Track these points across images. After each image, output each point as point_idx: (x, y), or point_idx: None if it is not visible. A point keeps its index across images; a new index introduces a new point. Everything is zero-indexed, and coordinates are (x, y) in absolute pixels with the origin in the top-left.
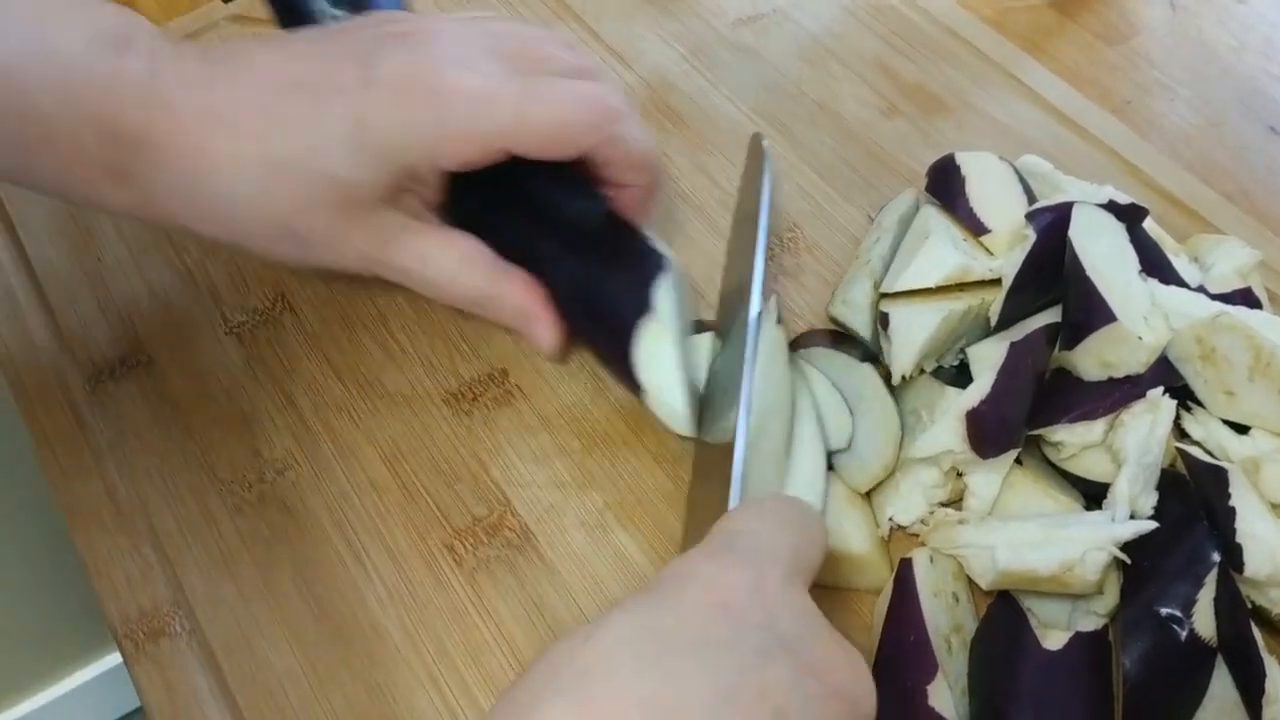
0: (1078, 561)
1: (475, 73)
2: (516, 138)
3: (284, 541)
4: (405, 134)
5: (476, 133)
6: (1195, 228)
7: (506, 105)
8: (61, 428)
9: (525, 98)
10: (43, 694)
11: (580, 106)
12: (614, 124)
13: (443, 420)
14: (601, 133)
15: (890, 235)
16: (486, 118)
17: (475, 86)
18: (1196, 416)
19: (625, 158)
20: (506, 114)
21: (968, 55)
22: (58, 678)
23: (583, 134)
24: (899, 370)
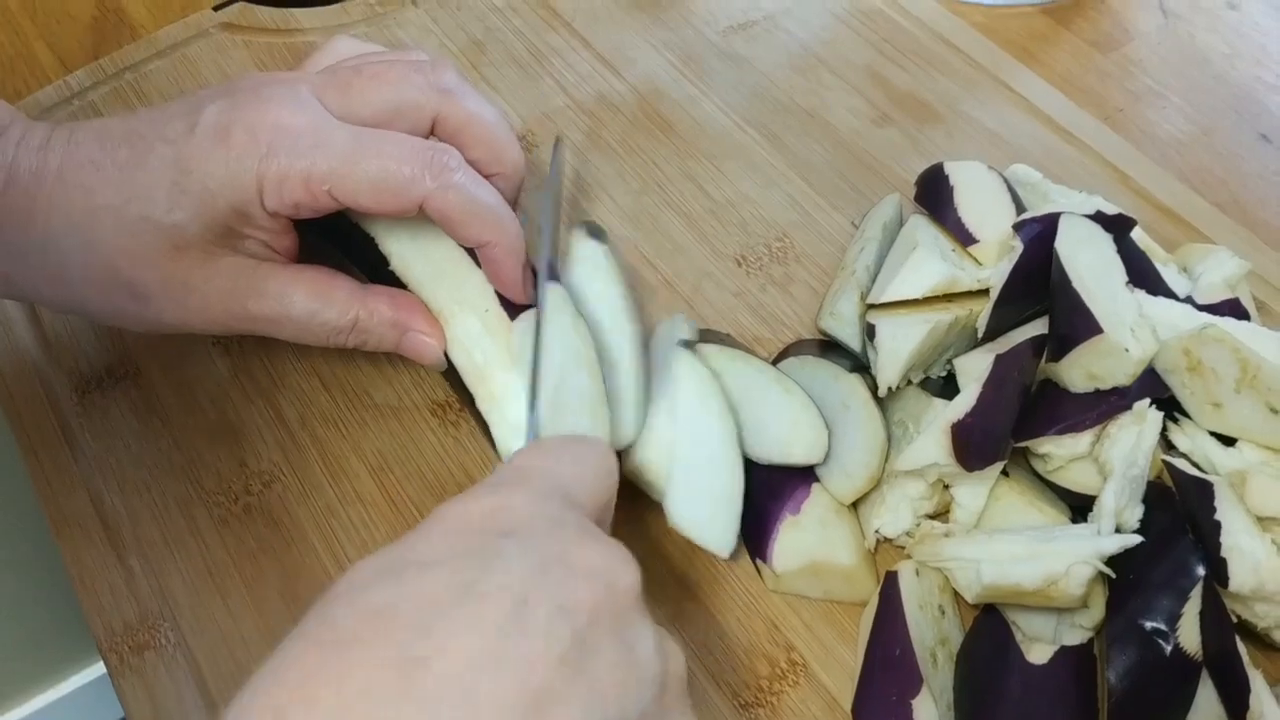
0: (1062, 575)
1: (299, 113)
2: (342, 183)
3: (270, 554)
4: (224, 174)
5: (297, 172)
6: (1186, 237)
7: (330, 148)
8: (48, 438)
9: (352, 145)
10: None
11: (405, 160)
12: (446, 175)
13: (429, 432)
14: (428, 186)
15: (875, 243)
16: (307, 158)
17: (294, 124)
18: (1183, 428)
19: (463, 214)
20: (330, 157)
21: (959, 63)
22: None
23: (407, 189)
24: (885, 382)
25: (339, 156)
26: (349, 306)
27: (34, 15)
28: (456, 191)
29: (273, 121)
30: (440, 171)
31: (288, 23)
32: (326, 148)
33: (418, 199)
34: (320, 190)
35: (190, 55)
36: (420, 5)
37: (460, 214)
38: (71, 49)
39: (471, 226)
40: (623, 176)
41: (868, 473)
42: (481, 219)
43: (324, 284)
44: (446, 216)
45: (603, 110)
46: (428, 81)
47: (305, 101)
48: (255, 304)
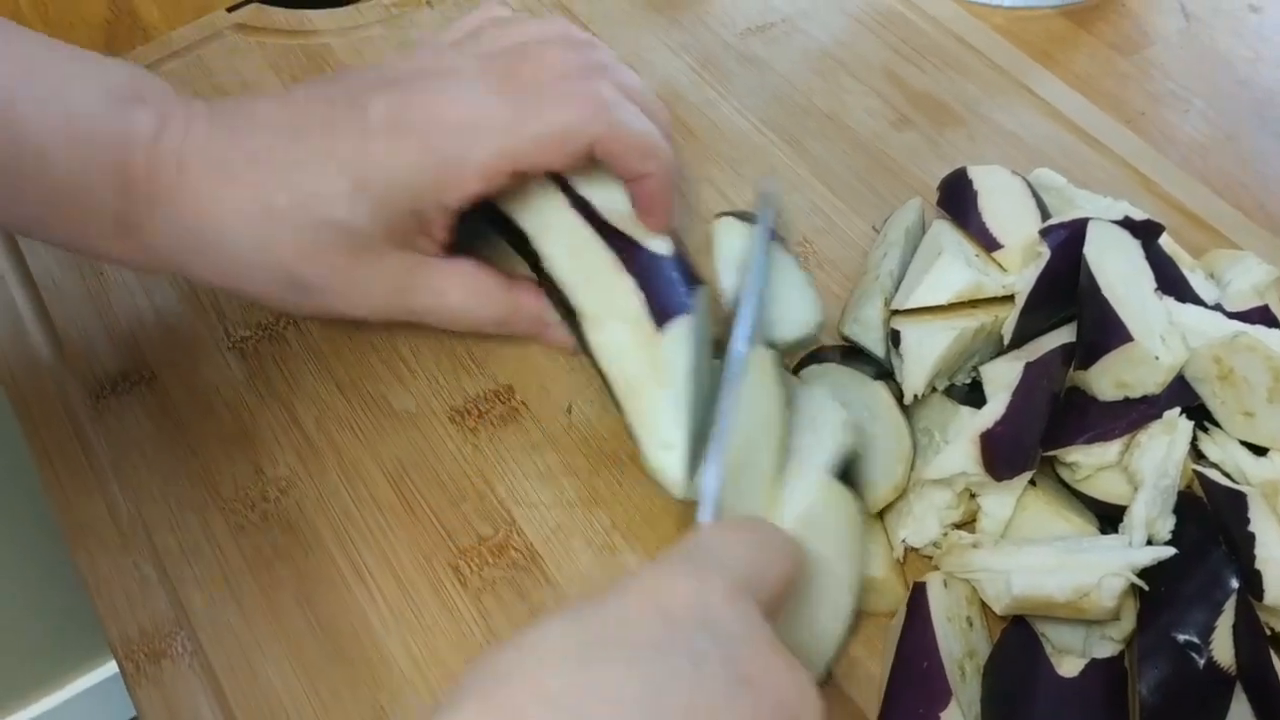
0: (1094, 587)
1: (464, 104)
2: (515, 157)
3: (287, 561)
4: (402, 177)
5: (473, 163)
6: (1211, 243)
7: (497, 129)
8: (63, 444)
9: (516, 117)
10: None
11: (570, 108)
12: (608, 114)
13: (448, 438)
14: (597, 128)
15: (898, 249)
16: (480, 147)
17: (465, 118)
18: (1214, 438)
19: (628, 147)
20: (499, 138)
21: (979, 65)
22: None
23: (578, 134)
24: (911, 389)
25: (505, 129)
26: (501, 301)
27: (46, 17)
28: (622, 129)
29: (445, 116)
30: (602, 109)
31: (302, 24)
32: (493, 126)
33: (587, 143)
34: (497, 172)
35: (204, 56)
36: (436, 7)
37: (624, 148)
38: None
39: (635, 159)
40: None
41: (893, 481)
42: (644, 151)
43: (478, 278)
44: (611, 153)
45: None
46: (585, 60)
47: (469, 87)
48: (414, 298)
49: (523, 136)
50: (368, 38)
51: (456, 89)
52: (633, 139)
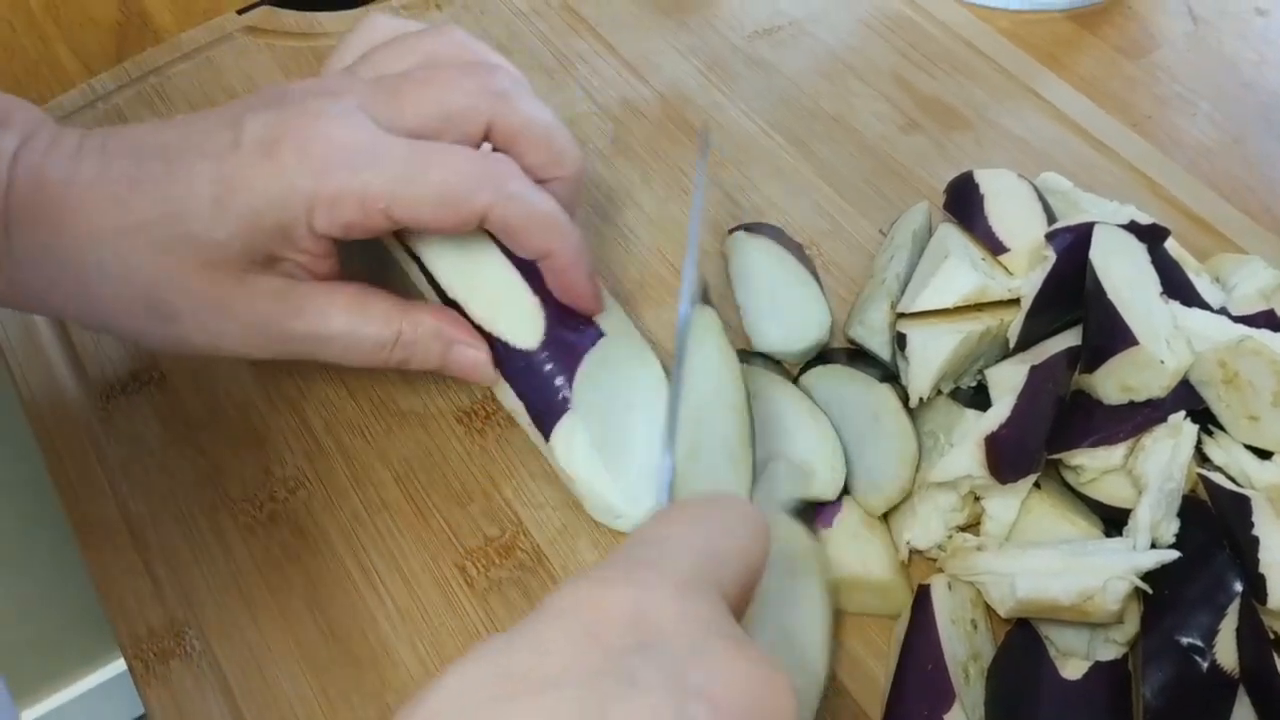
0: (1098, 591)
1: (341, 127)
2: (399, 201)
3: (295, 562)
4: (272, 193)
5: (352, 191)
6: (1217, 246)
7: (386, 165)
8: (73, 444)
9: (409, 160)
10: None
11: (467, 169)
12: (505, 184)
13: (455, 439)
14: (490, 197)
15: (905, 252)
16: (362, 176)
17: (350, 143)
18: (1219, 441)
19: (525, 222)
20: (386, 174)
21: (986, 69)
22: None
23: (471, 200)
24: (916, 392)
25: (395, 173)
26: (390, 320)
27: (57, 19)
28: (515, 203)
29: (324, 137)
30: (499, 183)
31: (311, 26)
32: (382, 164)
33: (479, 212)
34: (376, 209)
35: (214, 58)
36: (444, 9)
37: (521, 223)
38: (95, 53)
39: (533, 236)
40: (649, 182)
41: (898, 484)
42: (542, 228)
43: (363, 298)
44: (507, 227)
45: (628, 116)
46: (480, 86)
47: (355, 115)
48: (292, 323)
49: (411, 186)
50: None
51: (336, 110)
52: (528, 216)
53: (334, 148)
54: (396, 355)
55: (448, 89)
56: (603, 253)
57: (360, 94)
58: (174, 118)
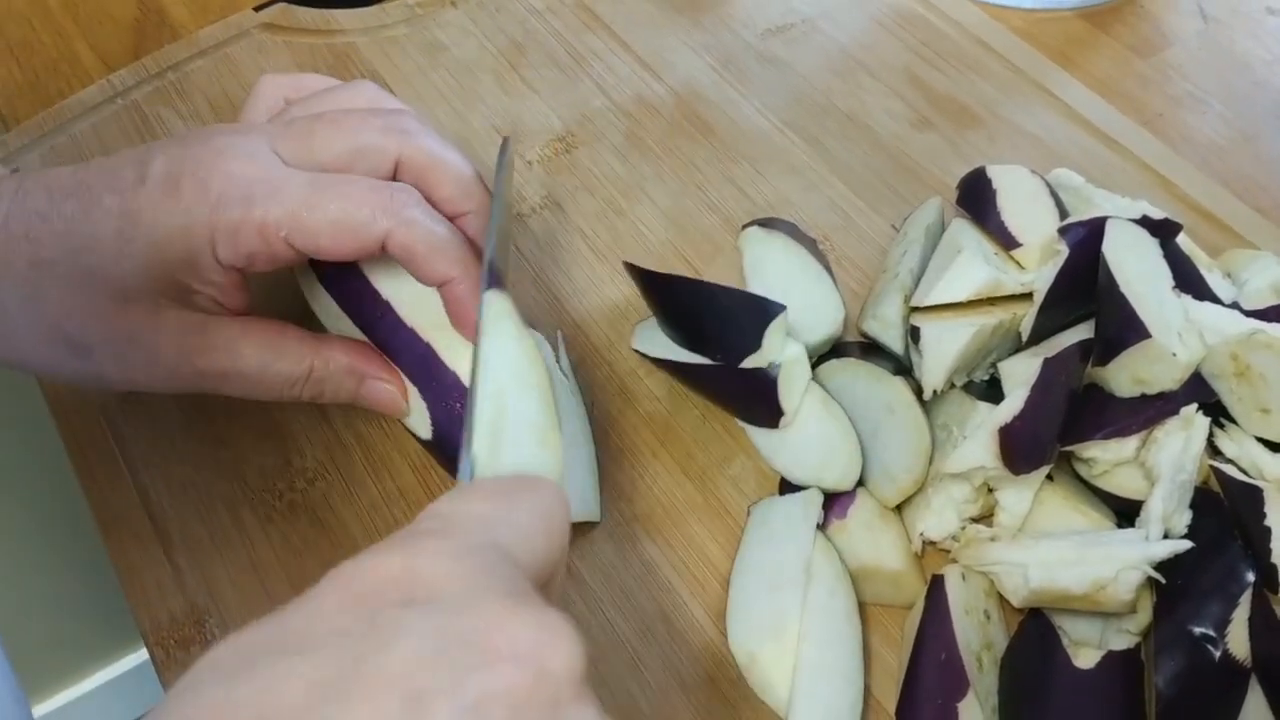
0: (1111, 581)
1: (248, 160)
2: (299, 229)
3: (314, 551)
4: (174, 227)
5: (252, 221)
6: (1229, 243)
7: (286, 194)
8: (94, 435)
9: (309, 189)
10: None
11: (368, 197)
12: (404, 211)
13: None
14: (390, 223)
15: (918, 246)
16: (262, 206)
17: (247, 174)
18: (1230, 434)
19: (426, 248)
20: (286, 203)
21: (998, 67)
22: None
23: (371, 225)
24: (930, 385)
25: (295, 202)
26: (303, 356)
27: (76, 16)
28: (416, 228)
29: (224, 171)
30: (398, 209)
31: (328, 24)
32: (281, 194)
33: (378, 238)
34: (276, 237)
35: (231, 55)
36: (460, 7)
37: (422, 249)
38: (113, 49)
39: (433, 262)
40: (662, 178)
41: (912, 476)
42: (443, 254)
43: (275, 334)
44: (408, 253)
45: (642, 112)
46: (387, 124)
47: (258, 151)
48: (203, 359)
49: (311, 213)
50: (392, 37)
51: (244, 146)
52: (428, 242)
53: (233, 181)
54: (309, 391)
55: (357, 128)
56: (617, 247)
57: (270, 134)
58: (92, 160)
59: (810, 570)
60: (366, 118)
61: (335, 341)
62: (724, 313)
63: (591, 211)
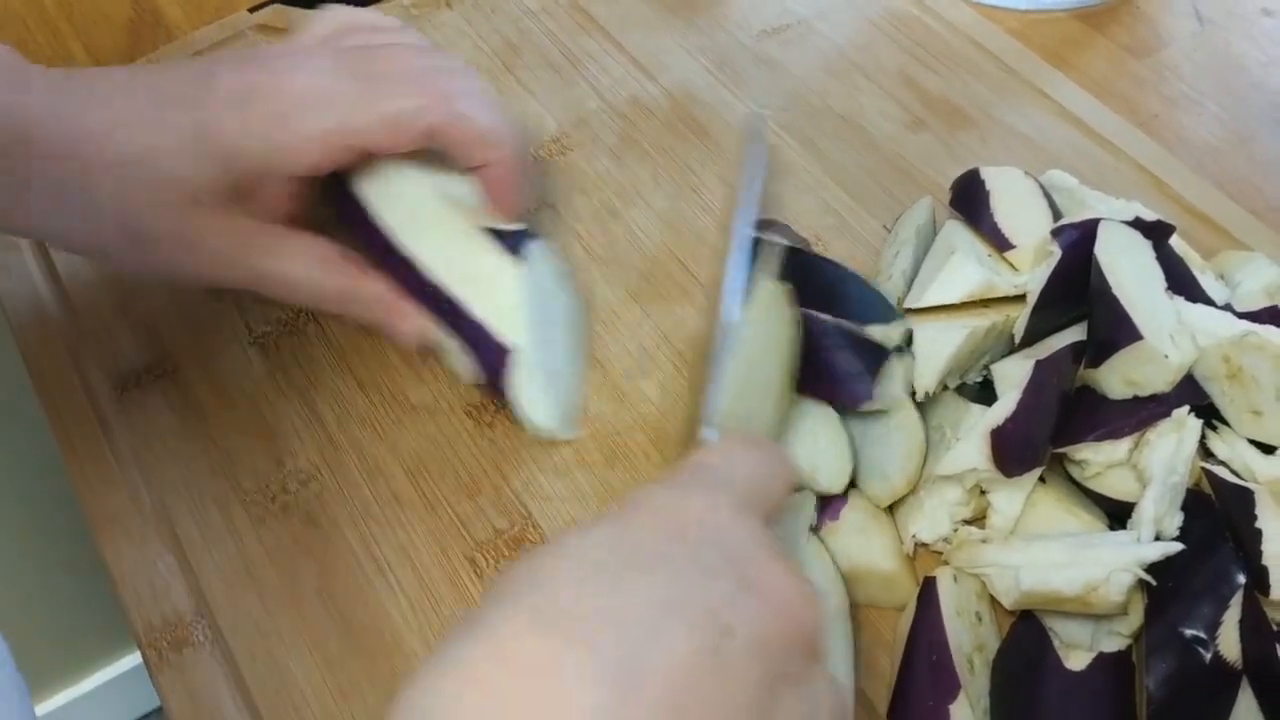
0: (1103, 583)
1: (309, 78)
2: (356, 132)
3: (307, 553)
4: (243, 139)
5: (315, 132)
6: (1223, 244)
7: (342, 102)
8: (87, 435)
9: (360, 97)
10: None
11: (413, 94)
12: (452, 103)
13: (465, 432)
14: (439, 112)
15: (909, 247)
16: (322, 117)
17: (308, 88)
18: (1222, 436)
19: (470, 136)
20: (340, 112)
21: (992, 68)
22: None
23: (420, 116)
24: (923, 388)
25: (349, 105)
26: (343, 276)
27: (71, 16)
28: (464, 120)
29: (288, 87)
30: (448, 100)
31: None
32: (337, 101)
33: (425, 131)
34: (336, 144)
35: None
36: (455, 8)
37: (464, 137)
38: (108, 50)
39: (478, 150)
40: (657, 180)
41: (905, 478)
42: (485, 144)
43: (323, 251)
44: (455, 141)
45: (637, 114)
46: (427, 86)
47: (318, 65)
48: (257, 259)
49: (364, 114)
50: None
51: (305, 65)
52: (472, 127)
53: (297, 96)
54: (344, 305)
55: (398, 87)
56: (613, 250)
57: (324, 54)
58: (150, 65)
59: None
60: (410, 76)
61: (374, 275)
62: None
63: (586, 213)
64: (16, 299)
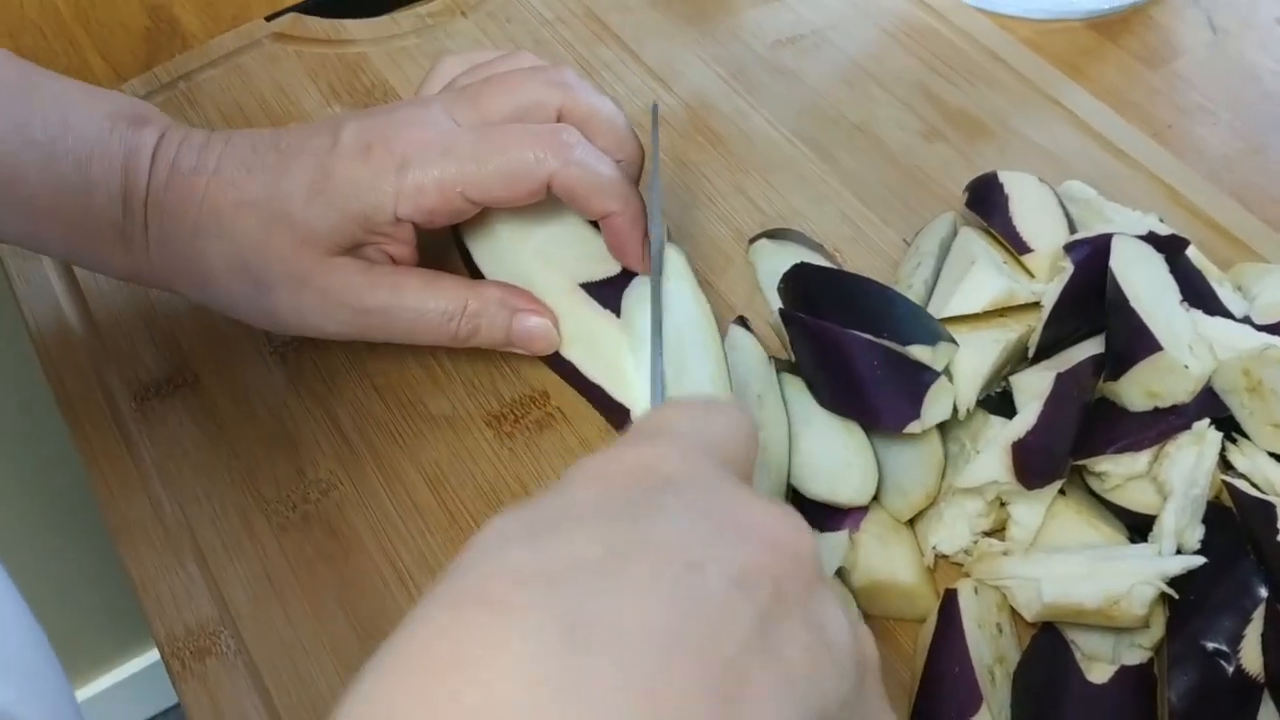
0: (1124, 595)
1: (427, 127)
2: (473, 181)
3: (328, 562)
4: (361, 184)
5: (432, 180)
6: (1239, 255)
7: (460, 152)
8: (109, 445)
9: (478, 148)
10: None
11: (530, 146)
12: (567, 153)
13: (485, 442)
14: (554, 165)
15: (932, 259)
16: (439, 166)
17: (429, 139)
18: (1242, 449)
19: (587, 186)
20: (458, 162)
21: (1008, 78)
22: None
23: (535, 170)
24: (964, 404)
25: (468, 157)
26: (458, 293)
27: (88, 25)
28: (579, 167)
29: (407, 137)
30: (562, 149)
31: (339, 33)
32: (456, 152)
33: (544, 179)
34: (454, 193)
35: (242, 65)
36: (470, 17)
37: (584, 187)
38: (125, 59)
39: (595, 198)
40: (673, 189)
41: (925, 490)
42: (604, 191)
43: (433, 276)
44: (571, 191)
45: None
46: (548, 80)
47: (436, 118)
48: (369, 296)
49: (482, 166)
50: (403, 47)
51: (423, 115)
52: (591, 179)
53: (415, 145)
54: (465, 327)
55: (520, 86)
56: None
57: (445, 102)
58: (290, 126)
59: None
60: (528, 75)
61: (488, 282)
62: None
63: None
64: (39, 310)
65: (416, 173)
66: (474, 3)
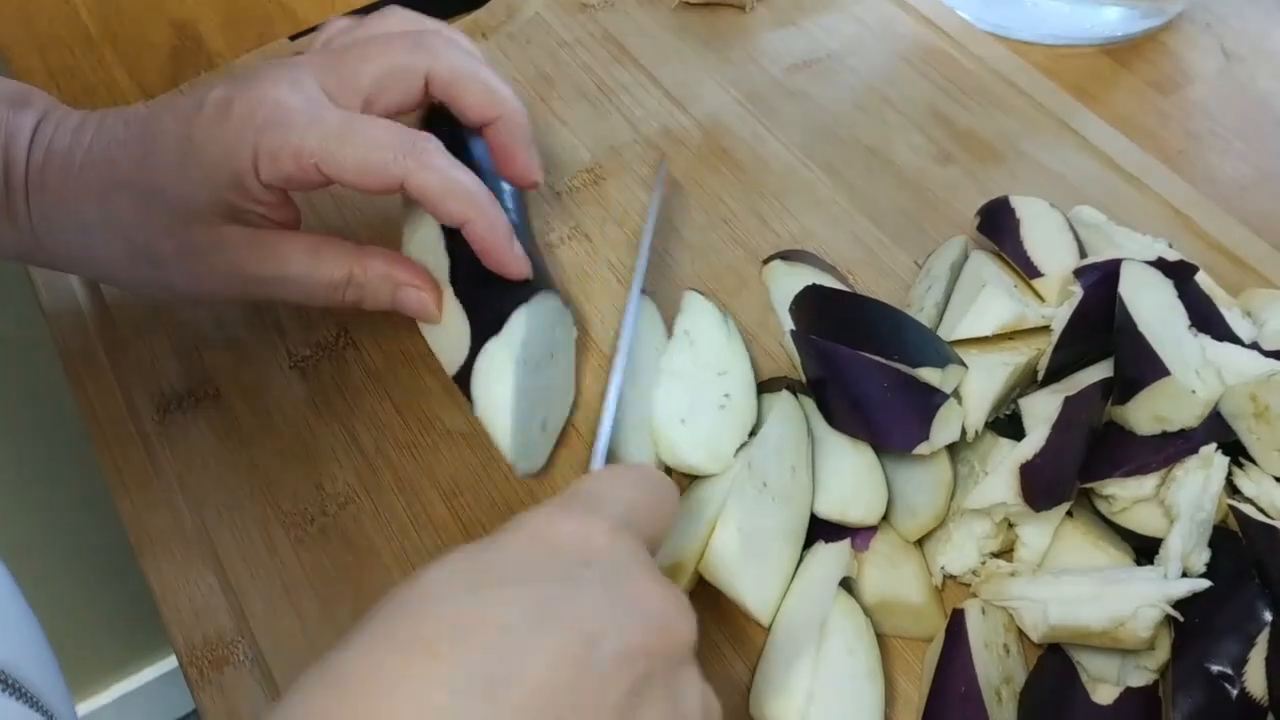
0: (1130, 617)
1: (295, 92)
2: (329, 159)
3: (345, 575)
4: (223, 149)
5: (288, 148)
6: (1249, 281)
7: (321, 129)
8: (131, 457)
9: (343, 127)
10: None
11: (391, 141)
12: (424, 157)
13: (500, 459)
14: (410, 165)
15: (943, 282)
16: (299, 134)
17: (292, 104)
18: (1249, 473)
19: (441, 192)
20: (320, 134)
21: (1020, 102)
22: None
23: (391, 167)
24: (972, 427)
25: (328, 134)
26: (344, 262)
27: (115, 43)
28: (433, 172)
29: (270, 98)
30: (419, 154)
31: None
32: (318, 126)
33: (397, 177)
34: (309, 165)
35: None
36: (490, 38)
37: (436, 192)
38: (151, 76)
39: (448, 204)
40: (688, 211)
41: (933, 512)
42: (458, 197)
43: (320, 243)
44: (425, 195)
45: (669, 145)
46: (414, 43)
47: (302, 82)
48: (257, 265)
49: (341, 147)
50: None
51: (288, 76)
52: (444, 184)
53: (276, 108)
54: (350, 295)
55: (385, 50)
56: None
57: (312, 65)
58: (162, 95)
59: (826, 627)
60: (394, 40)
61: (374, 250)
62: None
63: (619, 242)
64: (62, 322)
65: (274, 135)
66: (495, 25)
